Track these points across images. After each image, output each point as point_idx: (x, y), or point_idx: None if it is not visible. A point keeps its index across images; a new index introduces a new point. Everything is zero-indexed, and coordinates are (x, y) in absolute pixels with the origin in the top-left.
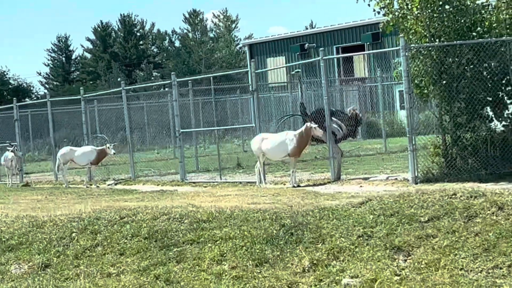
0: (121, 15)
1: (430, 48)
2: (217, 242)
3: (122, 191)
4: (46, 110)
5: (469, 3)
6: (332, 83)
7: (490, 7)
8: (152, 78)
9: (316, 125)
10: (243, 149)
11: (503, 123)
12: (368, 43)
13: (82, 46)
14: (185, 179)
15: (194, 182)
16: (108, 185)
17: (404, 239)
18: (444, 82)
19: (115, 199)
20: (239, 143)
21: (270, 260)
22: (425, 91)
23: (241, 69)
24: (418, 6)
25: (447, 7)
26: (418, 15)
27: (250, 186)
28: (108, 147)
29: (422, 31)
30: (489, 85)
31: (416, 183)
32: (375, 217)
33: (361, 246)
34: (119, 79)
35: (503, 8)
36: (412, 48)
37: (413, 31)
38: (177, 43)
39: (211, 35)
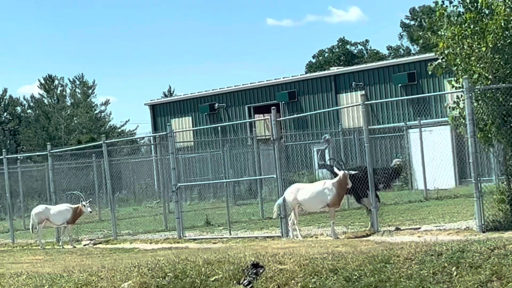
0: None
1: (493, 90)
2: None
3: (115, 250)
4: None
5: None
6: (245, 142)
7: None
8: (7, 145)
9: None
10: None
11: None
12: (283, 101)
13: None
14: (183, 236)
15: (194, 239)
16: (84, 245)
17: None
18: (511, 125)
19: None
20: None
21: None
22: (489, 135)
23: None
24: (490, 45)
25: None
26: (482, 55)
27: (272, 240)
28: (84, 205)
29: (484, 72)
30: None
31: (483, 232)
32: None
33: None
34: None
35: None
36: (476, 90)
37: (472, 72)
38: (31, 110)
39: (69, 101)
